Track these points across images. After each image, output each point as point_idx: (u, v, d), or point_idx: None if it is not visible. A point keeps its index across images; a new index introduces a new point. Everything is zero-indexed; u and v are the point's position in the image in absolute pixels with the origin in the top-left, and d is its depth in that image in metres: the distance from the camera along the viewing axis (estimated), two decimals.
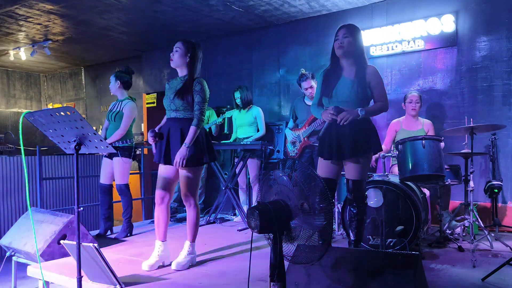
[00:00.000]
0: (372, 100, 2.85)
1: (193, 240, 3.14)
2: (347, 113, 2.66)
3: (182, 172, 3.04)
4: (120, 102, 4.18)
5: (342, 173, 2.93)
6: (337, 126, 2.74)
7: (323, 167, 2.87)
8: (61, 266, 2.99)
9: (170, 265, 3.06)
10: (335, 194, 4.11)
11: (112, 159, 4.11)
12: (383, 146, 4.24)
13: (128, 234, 4.18)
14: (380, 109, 2.83)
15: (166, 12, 5.51)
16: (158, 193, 3.10)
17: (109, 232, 4.30)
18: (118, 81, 4.19)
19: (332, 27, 5.46)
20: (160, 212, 3.11)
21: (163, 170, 3.11)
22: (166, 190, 3.10)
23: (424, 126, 4.30)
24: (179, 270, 2.97)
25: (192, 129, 2.95)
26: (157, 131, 3.12)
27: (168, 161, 3.04)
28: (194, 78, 3.07)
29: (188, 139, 2.94)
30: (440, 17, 4.73)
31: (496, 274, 2.67)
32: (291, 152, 4.72)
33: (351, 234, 2.91)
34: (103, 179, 4.22)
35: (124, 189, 4.13)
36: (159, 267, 3.05)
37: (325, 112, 2.76)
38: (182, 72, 3.12)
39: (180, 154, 2.92)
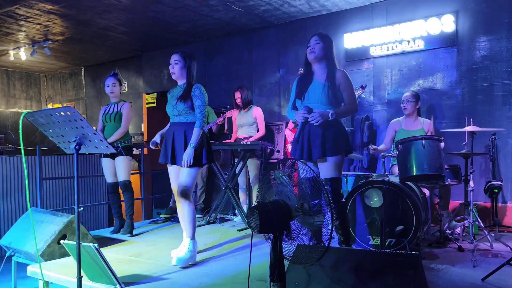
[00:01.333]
0: (343, 102, 2.99)
1: (192, 237, 3.19)
2: (318, 115, 2.78)
3: (182, 172, 3.18)
4: (116, 104, 4.26)
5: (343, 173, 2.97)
6: (309, 128, 2.88)
7: None
8: (61, 266, 2.99)
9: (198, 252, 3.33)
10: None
11: (114, 159, 4.17)
12: (382, 146, 4.26)
13: (129, 234, 4.19)
14: (349, 111, 3.02)
15: (166, 12, 5.51)
16: (174, 188, 3.35)
17: (112, 230, 4.33)
18: (121, 86, 4.37)
19: (332, 27, 5.46)
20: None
21: (173, 168, 3.31)
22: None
23: (424, 125, 4.30)
24: (181, 268, 2.99)
25: (196, 130, 3.16)
26: (158, 142, 3.37)
27: (174, 161, 3.25)
28: (192, 85, 3.29)
29: (193, 140, 3.14)
30: (440, 17, 4.73)
31: (496, 274, 2.67)
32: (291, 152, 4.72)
33: (338, 235, 2.94)
34: (110, 178, 4.28)
35: (128, 185, 4.23)
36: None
37: (297, 113, 2.91)
38: (181, 81, 3.33)
39: (187, 154, 3.12)
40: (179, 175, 3.21)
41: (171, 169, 3.33)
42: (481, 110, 4.57)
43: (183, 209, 3.21)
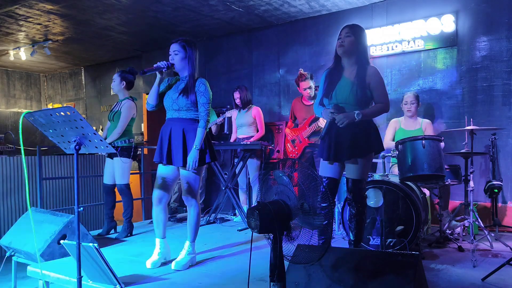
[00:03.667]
0: (373, 101, 2.83)
1: (193, 240, 3.15)
2: (344, 117, 2.66)
3: (184, 173, 3.05)
4: (120, 102, 4.20)
5: (344, 172, 2.94)
6: (337, 127, 2.74)
7: (324, 167, 2.89)
8: (61, 266, 2.99)
9: (171, 261, 3.10)
10: (336, 194, 4.12)
11: (113, 159, 4.14)
12: (388, 143, 4.25)
13: (128, 234, 4.18)
14: (380, 111, 2.80)
15: (166, 12, 5.51)
16: (157, 193, 3.10)
17: (112, 231, 4.34)
18: (124, 82, 4.21)
19: (332, 27, 5.46)
20: (158, 212, 3.12)
21: (163, 171, 3.11)
22: (164, 190, 3.11)
23: (423, 125, 4.30)
24: (179, 270, 2.97)
25: (200, 131, 2.98)
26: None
27: (170, 161, 3.04)
28: (196, 78, 3.07)
29: (197, 142, 2.96)
30: (440, 17, 4.73)
31: (496, 274, 2.67)
32: (291, 152, 4.73)
33: (350, 234, 2.92)
34: (106, 179, 4.25)
35: (124, 189, 4.14)
36: (162, 264, 3.09)
37: (325, 110, 2.78)
38: (183, 72, 3.11)
39: (192, 157, 2.95)
40: (182, 176, 3.07)
41: (163, 170, 3.10)
42: (481, 110, 4.57)
43: (188, 211, 3.12)
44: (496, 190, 4.04)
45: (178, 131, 3.02)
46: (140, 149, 5.97)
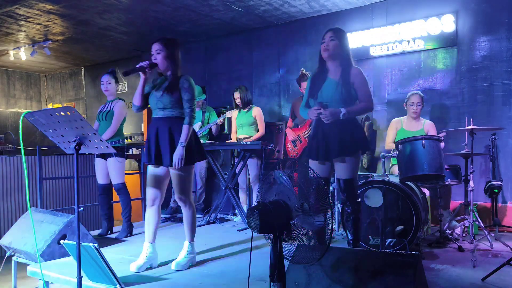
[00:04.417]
0: (358, 100, 2.91)
1: (192, 240, 3.14)
2: (330, 113, 2.73)
3: (174, 173, 3.01)
4: (110, 103, 4.23)
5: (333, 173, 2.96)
6: (323, 127, 2.82)
7: (313, 167, 2.90)
8: (61, 266, 2.99)
9: (157, 267, 3.06)
10: (335, 194, 4.12)
11: (106, 159, 4.13)
12: (390, 144, 4.24)
13: (128, 234, 4.18)
14: (364, 109, 2.91)
15: (166, 12, 5.51)
16: (150, 193, 3.07)
17: (99, 233, 4.33)
18: (117, 83, 4.32)
19: (332, 27, 5.45)
20: (151, 213, 3.09)
21: (154, 170, 3.08)
22: (158, 189, 3.08)
23: (424, 126, 4.30)
24: (179, 270, 2.97)
25: (185, 127, 2.93)
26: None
27: (159, 162, 3.00)
28: (180, 75, 3.05)
29: (182, 138, 2.91)
30: (440, 17, 4.73)
31: (496, 274, 2.67)
32: (291, 152, 4.73)
33: (348, 234, 2.93)
34: (101, 180, 4.24)
35: (122, 188, 4.15)
36: (147, 268, 3.03)
37: (310, 110, 2.83)
38: (167, 71, 3.07)
39: (178, 154, 2.90)
40: (172, 176, 3.03)
41: (153, 170, 3.06)
42: (481, 110, 4.57)
43: (183, 211, 3.10)
44: (496, 190, 4.03)
45: (165, 130, 2.98)
46: (140, 149, 5.99)
